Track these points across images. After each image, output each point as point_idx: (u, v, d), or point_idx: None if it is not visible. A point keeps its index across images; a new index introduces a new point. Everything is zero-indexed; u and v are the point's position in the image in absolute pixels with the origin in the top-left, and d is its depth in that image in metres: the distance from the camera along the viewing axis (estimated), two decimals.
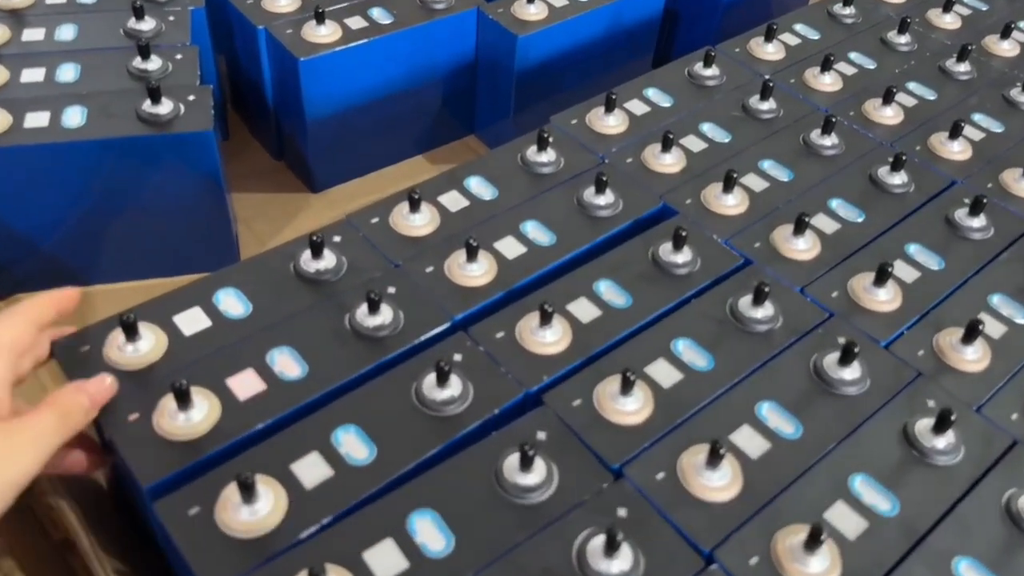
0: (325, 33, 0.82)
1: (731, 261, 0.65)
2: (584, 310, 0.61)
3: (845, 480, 0.52)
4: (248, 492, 0.47)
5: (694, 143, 0.76)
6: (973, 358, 0.59)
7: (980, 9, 0.98)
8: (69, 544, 0.54)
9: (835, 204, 0.71)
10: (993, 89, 0.85)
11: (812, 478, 0.52)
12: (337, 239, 0.65)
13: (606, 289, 0.62)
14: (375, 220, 0.67)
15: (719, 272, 0.64)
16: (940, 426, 0.53)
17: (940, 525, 0.50)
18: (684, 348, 0.58)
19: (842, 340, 0.58)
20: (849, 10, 0.93)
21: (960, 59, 0.86)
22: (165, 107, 0.71)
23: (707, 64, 0.83)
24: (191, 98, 0.73)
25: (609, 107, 0.76)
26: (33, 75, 0.75)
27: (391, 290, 0.61)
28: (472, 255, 0.62)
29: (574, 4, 0.91)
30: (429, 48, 0.89)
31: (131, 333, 0.55)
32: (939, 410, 0.53)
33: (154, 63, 0.76)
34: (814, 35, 0.90)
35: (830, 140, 0.76)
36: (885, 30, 0.91)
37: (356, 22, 0.85)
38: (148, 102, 0.71)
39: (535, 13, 0.88)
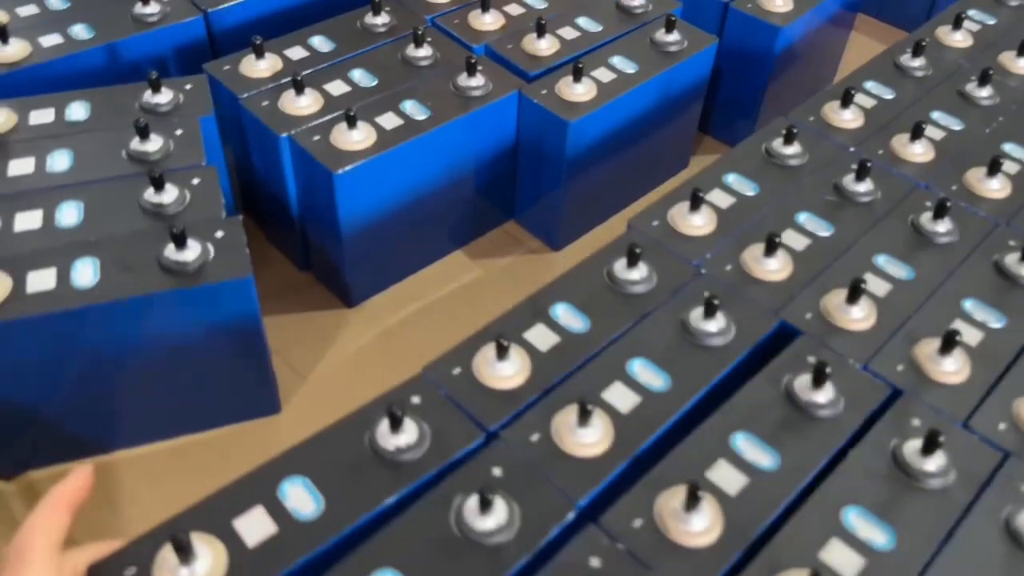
0: (358, 139, 0.72)
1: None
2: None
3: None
4: None
5: (795, 239, 0.67)
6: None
7: None
8: None
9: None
10: None
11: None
12: (416, 401, 0.55)
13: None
14: (457, 371, 0.57)
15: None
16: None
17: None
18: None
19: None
20: (919, 62, 0.85)
21: None
22: (192, 251, 0.61)
23: (788, 141, 0.74)
24: (219, 235, 0.63)
25: (695, 205, 0.67)
26: (29, 220, 0.64)
27: (496, 473, 0.51)
28: (584, 418, 0.52)
29: (622, 78, 0.82)
30: (469, 139, 0.79)
31: (185, 554, 0.45)
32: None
33: (169, 194, 0.65)
34: (888, 94, 0.82)
35: (944, 226, 0.67)
36: (962, 83, 0.83)
37: (390, 120, 0.75)
38: (171, 247, 0.61)
39: (583, 93, 0.79)
